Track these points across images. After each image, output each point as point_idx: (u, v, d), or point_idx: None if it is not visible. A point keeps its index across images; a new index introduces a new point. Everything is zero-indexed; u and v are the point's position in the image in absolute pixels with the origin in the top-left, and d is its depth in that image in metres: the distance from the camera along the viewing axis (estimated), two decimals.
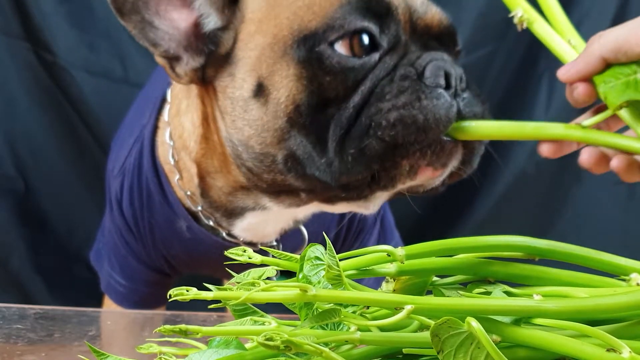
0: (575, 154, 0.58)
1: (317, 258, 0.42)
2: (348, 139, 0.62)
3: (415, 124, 0.59)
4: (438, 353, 0.38)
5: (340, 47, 0.63)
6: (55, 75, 1.39)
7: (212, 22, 0.69)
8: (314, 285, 0.40)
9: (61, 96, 1.40)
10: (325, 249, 0.98)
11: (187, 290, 0.41)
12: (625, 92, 0.49)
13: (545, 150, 0.57)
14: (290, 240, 0.86)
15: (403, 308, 0.38)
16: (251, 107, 0.67)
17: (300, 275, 0.42)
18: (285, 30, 0.65)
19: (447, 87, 0.62)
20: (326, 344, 0.42)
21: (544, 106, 1.43)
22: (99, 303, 1.05)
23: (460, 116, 0.61)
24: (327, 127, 0.63)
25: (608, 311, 0.40)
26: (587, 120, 0.53)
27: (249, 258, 0.44)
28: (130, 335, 0.76)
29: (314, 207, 0.77)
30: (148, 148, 0.85)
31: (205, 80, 0.71)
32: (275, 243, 0.85)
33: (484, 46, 1.43)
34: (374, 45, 0.63)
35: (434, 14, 0.68)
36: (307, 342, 0.37)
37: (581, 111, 0.65)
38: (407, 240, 1.08)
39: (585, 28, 1.40)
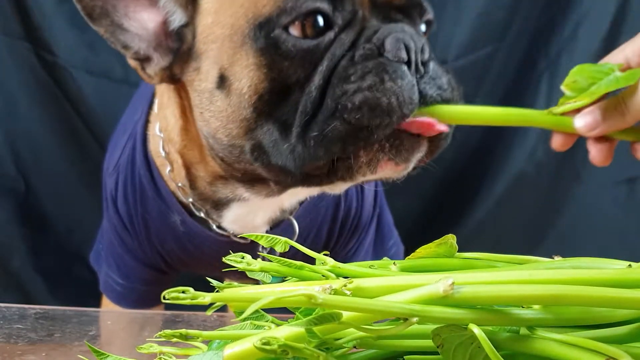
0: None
1: None
2: (313, 123, 0.62)
3: (380, 107, 0.59)
4: (438, 347, 0.38)
5: (294, 30, 0.62)
6: (55, 75, 1.39)
7: (177, 19, 0.69)
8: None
9: (61, 96, 1.40)
10: (319, 245, 0.97)
11: (184, 292, 0.41)
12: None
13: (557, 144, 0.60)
14: (282, 234, 0.85)
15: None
16: (216, 98, 0.67)
17: None
18: (242, 19, 0.65)
19: (408, 61, 0.61)
20: (327, 348, 0.42)
21: (544, 106, 1.42)
22: (99, 303, 1.05)
23: (423, 95, 0.61)
24: (293, 113, 0.63)
25: (609, 318, 0.40)
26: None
27: (248, 265, 0.45)
28: (130, 335, 0.76)
29: (295, 194, 0.77)
30: (140, 142, 0.86)
31: (174, 78, 0.72)
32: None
33: (484, 46, 1.43)
34: (328, 25, 0.63)
35: None
36: (304, 346, 0.37)
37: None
38: (406, 240, 1.08)
39: (585, 28, 1.40)
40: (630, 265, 0.43)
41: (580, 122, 0.57)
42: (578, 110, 0.58)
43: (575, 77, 0.56)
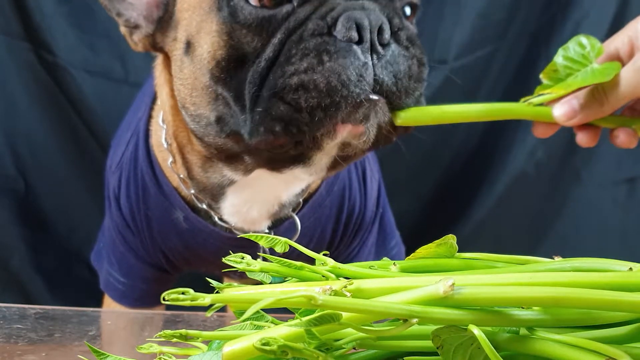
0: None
1: None
2: (260, 97, 0.61)
3: (318, 88, 0.58)
4: (437, 348, 0.38)
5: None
6: (55, 75, 1.39)
7: None
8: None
9: (61, 96, 1.40)
10: (324, 245, 0.97)
11: (184, 293, 0.41)
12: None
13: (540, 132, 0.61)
14: (285, 233, 0.85)
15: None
16: (184, 65, 0.69)
17: None
18: None
19: (360, 41, 0.59)
20: (327, 349, 0.42)
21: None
22: (99, 303, 1.05)
23: (377, 79, 0.58)
24: (245, 84, 0.63)
25: (609, 319, 0.40)
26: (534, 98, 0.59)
27: (248, 265, 0.45)
28: (130, 335, 0.76)
29: (290, 184, 0.77)
30: (143, 138, 0.86)
31: (156, 47, 0.74)
32: (267, 231, 0.84)
33: (484, 46, 1.43)
34: None
35: None
36: (304, 346, 0.37)
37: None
38: (407, 240, 1.08)
39: (585, 28, 1.40)
40: (631, 268, 0.43)
41: (559, 112, 0.57)
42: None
43: (556, 67, 0.57)
